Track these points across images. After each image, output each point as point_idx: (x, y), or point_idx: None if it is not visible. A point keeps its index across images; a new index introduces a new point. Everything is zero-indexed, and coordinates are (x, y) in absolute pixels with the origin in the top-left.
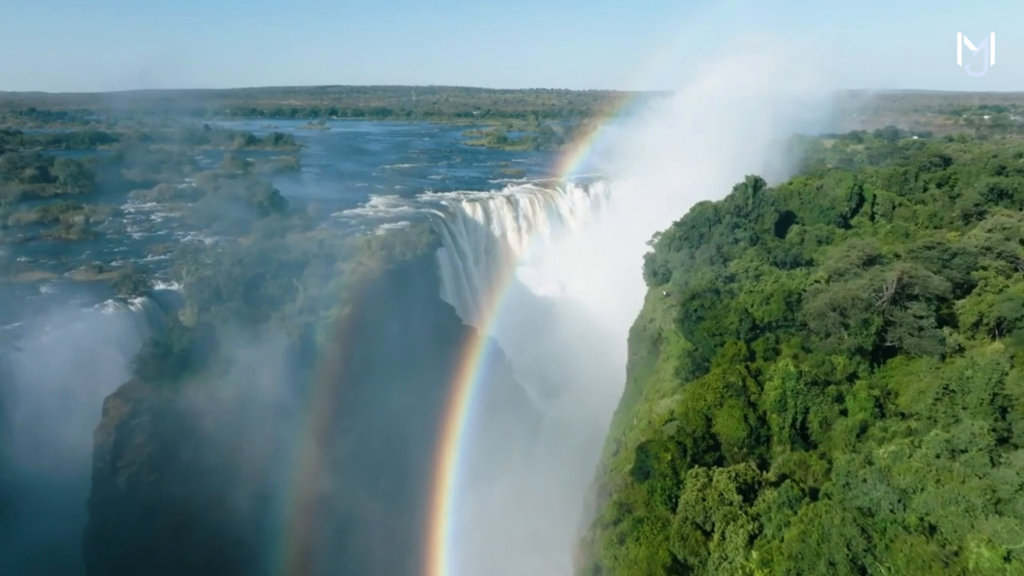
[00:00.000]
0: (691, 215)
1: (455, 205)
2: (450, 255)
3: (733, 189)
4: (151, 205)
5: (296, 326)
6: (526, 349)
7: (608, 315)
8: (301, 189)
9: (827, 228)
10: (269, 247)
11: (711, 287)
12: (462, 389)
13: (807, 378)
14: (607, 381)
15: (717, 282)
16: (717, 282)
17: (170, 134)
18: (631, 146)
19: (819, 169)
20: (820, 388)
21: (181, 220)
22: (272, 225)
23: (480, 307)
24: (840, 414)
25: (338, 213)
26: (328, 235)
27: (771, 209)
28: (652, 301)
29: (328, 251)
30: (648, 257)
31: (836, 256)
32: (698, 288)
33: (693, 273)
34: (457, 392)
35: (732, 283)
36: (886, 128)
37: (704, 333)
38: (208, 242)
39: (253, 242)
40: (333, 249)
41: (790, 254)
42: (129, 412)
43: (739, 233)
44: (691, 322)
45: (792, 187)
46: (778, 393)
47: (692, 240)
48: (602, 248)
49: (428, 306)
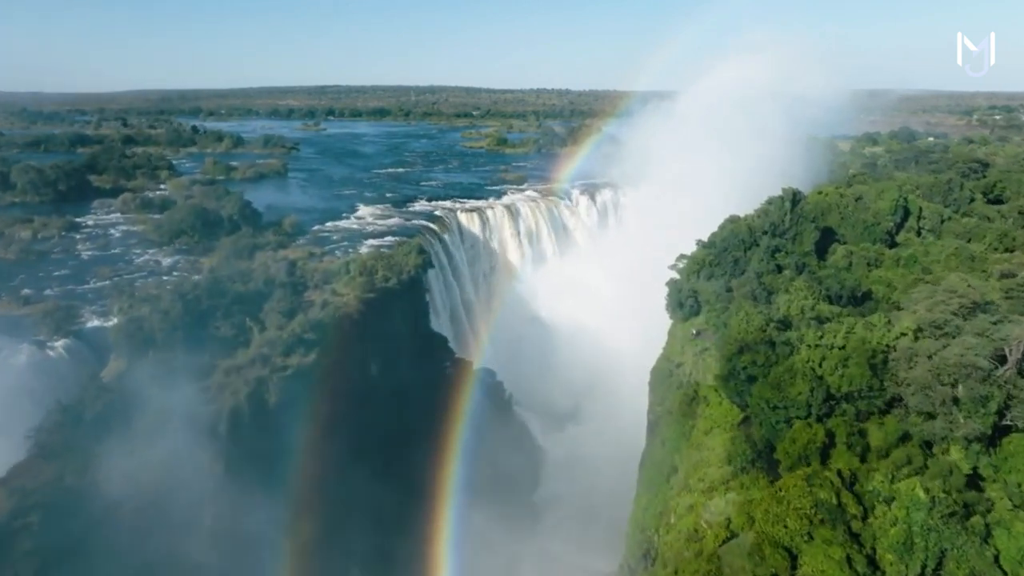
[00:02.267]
0: (721, 235)
1: (450, 216)
2: (443, 275)
3: (767, 203)
4: (113, 217)
5: (246, 381)
6: (527, 377)
7: (619, 339)
8: (283, 197)
9: (874, 248)
10: (226, 274)
11: (762, 336)
12: (454, 436)
13: (944, 508)
14: (617, 414)
15: (769, 328)
16: (769, 328)
17: (156, 136)
18: (638, 149)
19: (842, 175)
20: (960, 521)
21: (142, 236)
22: (240, 243)
23: (477, 332)
24: (993, 561)
25: (319, 226)
26: (303, 254)
27: (811, 227)
28: (679, 340)
29: (298, 277)
30: (672, 285)
31: (924, 300)
32: (744, 335)
33: (733, 312)
34: (448, 441)
35: (788, 330)
36: (901, 129)
37: (761, 403)
38: (166, 263)
39: (213, 264)
40: (305, 274)
41: (845, 286)
42: (12, 509)
43: (781, 258)
44: (739, 382)
45: (826, 198)
46: (901, 530)
47: (724, 266)
48: (611, 263)
49: (415, 339)
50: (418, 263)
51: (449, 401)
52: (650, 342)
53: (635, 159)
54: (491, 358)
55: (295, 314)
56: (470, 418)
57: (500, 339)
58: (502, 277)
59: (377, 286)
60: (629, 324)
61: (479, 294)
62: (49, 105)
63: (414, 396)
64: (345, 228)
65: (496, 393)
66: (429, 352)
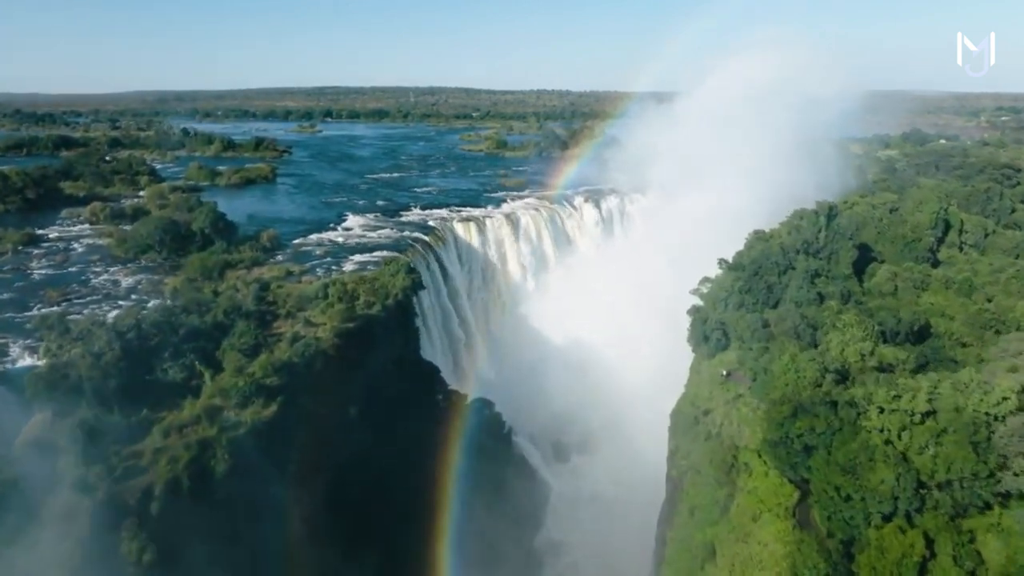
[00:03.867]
0: (750, 255)
1: (446, 227)
2: (436, 294)
3: (796, 216)
4: (80, 228)
5: (188, 445)
6: (529, 404)
7: (630, 362)
8: (268, 206)
9: (919, 269)
10: (181, 304)
11: (819, 394)
12: (446, 481)
13: None
14: (629, 444)
15: (825, 382)
16: (825, 382)
17: (144, 138)
18: (643, 153)
19: (863, 181)
20: None
21: (106, 251)
22: (210, 260)
23: (475, 356)
24: None
25: (302, 239)
26: (279, 273)
27: (848, 244)
28: (705, 380)
29: (267, 305)
30: (696, 315)
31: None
32: (795, 390)
33: (775, 354)
34: (440, 488)
35: (848, 384)
36: (911, 131)
37: (828, 489)
38: (126, 284)
39: (177, 286)
40: (276, 299)
41: (902, 321)
42: None
43: (822, 285)
44: (793, 451)
45: (857, 209)
46: None
47: (756, 293)
48: (619, 277)
49: (403, 372)
50: (406, 285)
51: (441, 441)
52: (664, 367)
53: (640, 163)
54: (490, 385)
55: (259, 352)
56: (464, 458)
57: (500, 363)
58: (501, 293)
59: (358, 313)
60: (641, 345)
61: (476, 313)
62: (46, 106)
63: (400, 441)
64: (330, 241)
65: (493, 426)
66: (419, 386)
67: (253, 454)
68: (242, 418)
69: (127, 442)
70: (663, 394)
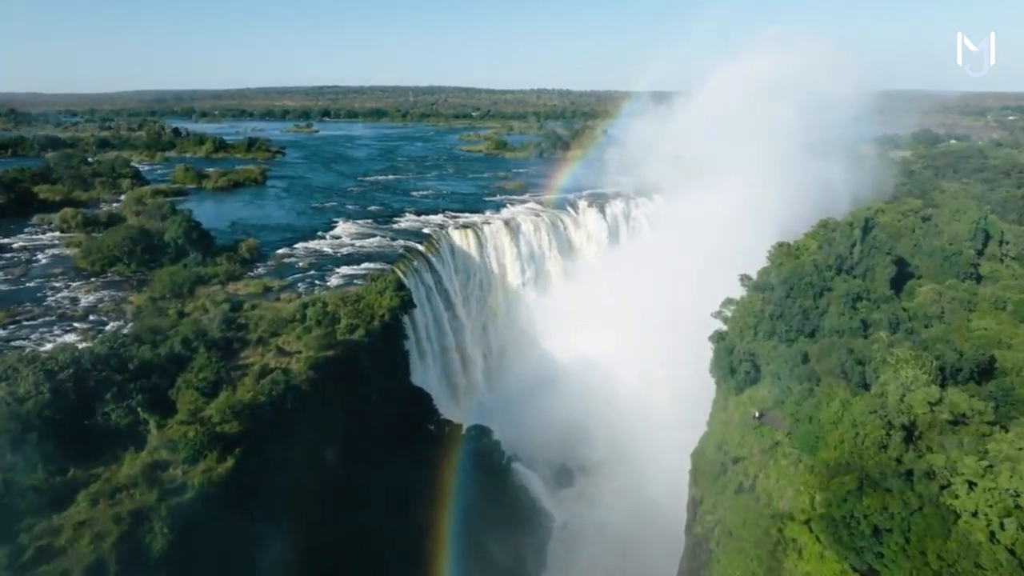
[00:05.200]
0: (779, 273)
1: (441, 234)
2: (430, 309)
3: (829, 229)
4: (49, 237)
5: (119, 517)
6: (531, 426)
7: (639, 380)
8: (254, 211)
9: (963, 287)
10: (132, 332)
11: (888, 463)
12: (439, 523)
13: None
14: (633, 468)
15: (892, 444)
16: (892, 444)
17: (134, 139)
18: (648, 154)
19: (881, 184)
20: None
21: (71, 263)
22: (180, 276)
23: (472, 377)
24: None
25: (286, 249)
26: (256, 289)
27: (885, 260)
28: (734, 420)
29: (235, 330)
30: (720, 343)
31: None
32: (856, 453)
33: (823, 401)
34: (431, 533)
35: (918, 445)
36: (921, 131)
37: None
38: (86, 302)
39: (141, 305)
40: (248, 322)
41: (965, 357)
42: None
43: (865, 311)
44: (859, 534)
45: (886, 218)
46: None
47: (789, 318)
48: (626, 288)
49: (389, 404)
50: (395, 304)
51: (432, 480)
52: (677, 385)
53: (645, 165)
54: (488, 407)
55: (219, 389)
56: (459, 496)
57: (499, 382)
58: (501, 306)
59: (339, 339)
60: (649, 361)
61: (474, 329)
62: (42, 105)
63: (386, 484)
64: (316, 251)
65: (491, 457)
66: (408, 417)
67: (202, 523)
68: (190, 479)
69: (46, 512)
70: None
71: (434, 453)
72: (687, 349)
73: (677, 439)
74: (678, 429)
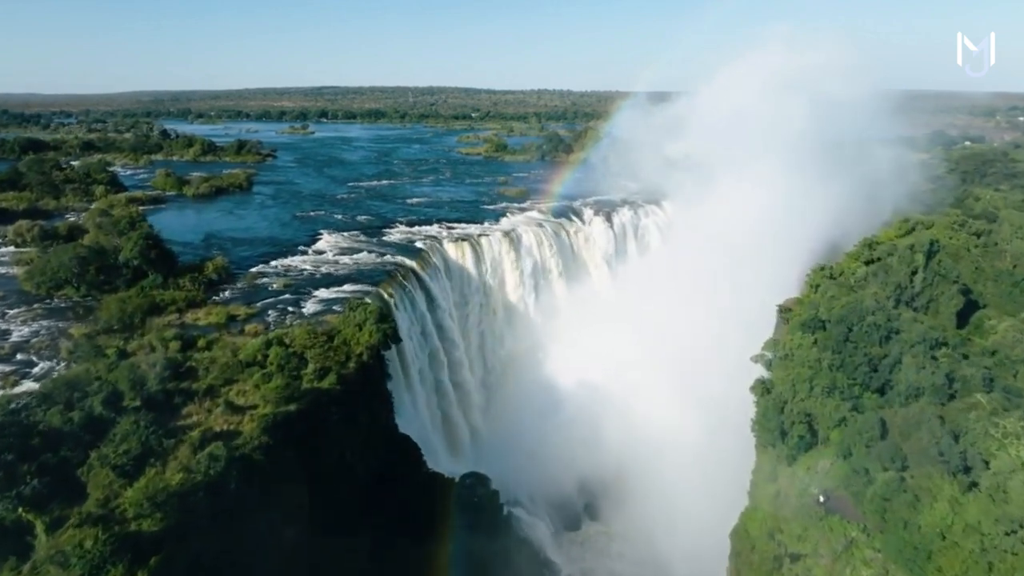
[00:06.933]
0: (834, 310)
1: (434, 248)
2: (421, 335)
3: (885, 253)
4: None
5: None
6: (534, 467)
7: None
8: (233, 222)
9: None
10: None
11: None
12: None
13: None
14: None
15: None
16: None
17: (120, 141)
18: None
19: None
20: None
21: (14, 286)
22: (132, 303)
23: (469, 416)
24: None
25: (260, 268)
26: (216, 319)
27: (952, 290)
28: (790, 499)
29: (177, 382)
30: (765, 396)
31: None
32: None
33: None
34: None
35: None
36: (936, 132)
37: None
38: (19, 335)
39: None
40: (197, 367)
41: None
42: None
43: (946, 363)
44: None
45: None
46: None
47: (851, 369)
48: (637, 309)
49: (368, 459)
50: (375, 340)
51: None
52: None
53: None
54: (487, 448)
55: (141, 470)
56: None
57: (499, 417)
58: (501, 329)
59: (304, 388)
60: (667, 392)
61: (471, 356)
62: (37, 106)
63: (362, 561)
64: (294, 269)
65: (487, 509)
66: (391, 472)
67: None
68: None
69: None
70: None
71: (422, 512)
72: (709, 385)
73: (704, 485)
74: (702, 469)
